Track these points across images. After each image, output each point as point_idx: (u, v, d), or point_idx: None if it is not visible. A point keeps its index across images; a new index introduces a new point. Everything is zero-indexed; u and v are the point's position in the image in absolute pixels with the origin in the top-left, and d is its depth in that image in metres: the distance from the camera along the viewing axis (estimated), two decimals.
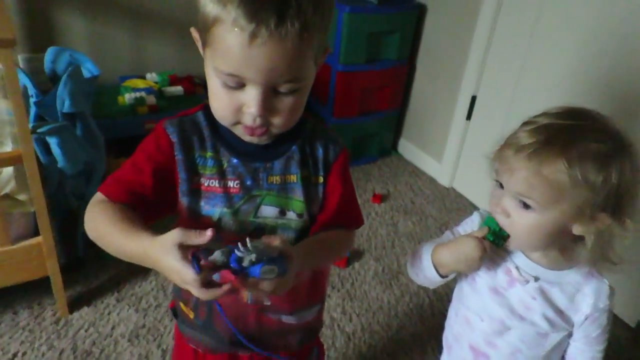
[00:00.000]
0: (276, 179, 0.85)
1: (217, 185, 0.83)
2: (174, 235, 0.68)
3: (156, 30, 2.40)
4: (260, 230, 0.85)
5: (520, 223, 0.83)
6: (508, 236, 0.86)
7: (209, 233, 0.67)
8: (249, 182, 0.84)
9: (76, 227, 1.78)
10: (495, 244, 0.87)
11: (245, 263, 0.67)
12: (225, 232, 0.84)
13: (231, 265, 0.68)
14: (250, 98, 0.72)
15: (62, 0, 2.20)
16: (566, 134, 0.78)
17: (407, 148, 2.88)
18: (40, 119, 1.62)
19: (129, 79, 2.32)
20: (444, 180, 2.65)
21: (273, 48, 0.66)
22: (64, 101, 1.58)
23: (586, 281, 0.90)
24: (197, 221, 0.84)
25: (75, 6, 2.23)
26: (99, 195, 0.84)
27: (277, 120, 0.76)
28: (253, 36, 0.66)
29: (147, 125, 2.03)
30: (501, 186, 0.86)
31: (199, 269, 0.66)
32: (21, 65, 2.22)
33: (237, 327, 0.91)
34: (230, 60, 0.69)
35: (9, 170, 1.47)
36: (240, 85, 0.72)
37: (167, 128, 0.84)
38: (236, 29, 0.66)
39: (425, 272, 0.97)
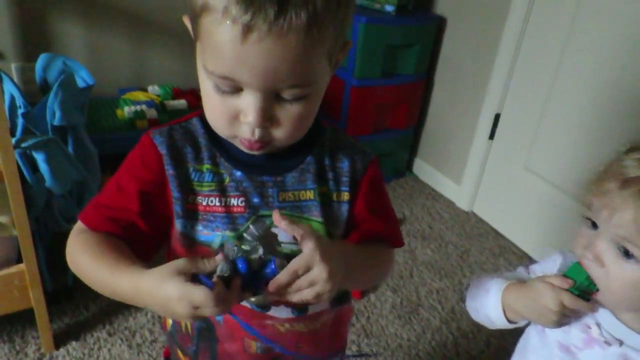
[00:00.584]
0: (289, 195, 0.70)
1: (217, 204, 0.68)
2: (177, 263, 0.58)
3: (159, 40, 2.26)
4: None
5: (618, 276, 0.66)
6: (597, 290, 0.69)
7: (218, 257, 0.58)
8: (255, 200, 0.69)
9: (64, 254, 1.62)
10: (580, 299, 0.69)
11: (255, 265, 0.58)
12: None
13: (240, 270, 0.57)
14: (248, 105, 0.59)
15: (59, 7, 2.06)
16: None
17: (422, 168, 2.71)
18: (28, 132, 1.47)
19: (129, 91, 2.18)
20: (463, 203, 2.48)
21: (272, 45, 0.53)
22: (54, 113, 1.42)
23: None
24: (192, 250, 0.70)
25: (73, 13, 2.09)
26: (79, 224, 0.70)
27: (279, 133, 0.62)
28: (247, 30, 0.52)
29: None
30: (594, 225, 0.69)
31: (212, 284, 0.55)
32: (14, 75, 2.08)
33: None
34: (221, 59, 0.56)
35: None
36: (235, 89, 0.58)
37: (154, 138, 0.69)
38: (227, 21, 0.52)
39: (489, 311, 0.80)
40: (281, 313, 0.74)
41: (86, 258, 0.66)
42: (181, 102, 2.16)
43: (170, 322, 0.83)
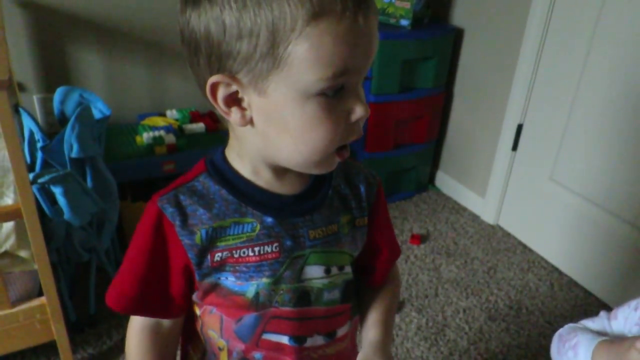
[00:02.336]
0: (318, 232, 0.70)
1: (250, 254, 0.67)
2: None
3: (176, 64, 2.28)
4: (305, 295, 0.71)
5: None
6: None
7: None
8: (289, 243, 0.68)
9: (87, 282, 1.63)
10: None
11: None
12: (264, 308, 0.69)
13: None
14: (354, 98, 0.59)
15: (78, 38, 2.10)
16: None
17: (445, 182, 2.67)
18: (48, 165, 1.48)
19: (148, 116, 2.19)
20: (488, 217, 2.42)
21: (374, 22, 0.57)
22: (71, 146, 1.44)
23: None
24: (226, 302, 0.70)
25: (92, 43, 2.12)
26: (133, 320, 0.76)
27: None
28: (357, 13, 0.55)
29: (165, 167, 1.88)
30: None
31: None
32: (37, 106, 2.12)
33: None
34: (339, 56, 0.55)
35: (9, 223, 1.33)
36: (337, 91, 0.58)
37: (164, 209, 0.66)
38: (347, 13, 0.54)
39: None
40: (315, 342, 0.74)
41: None
42: (199, 126, 2.16)
43: None
